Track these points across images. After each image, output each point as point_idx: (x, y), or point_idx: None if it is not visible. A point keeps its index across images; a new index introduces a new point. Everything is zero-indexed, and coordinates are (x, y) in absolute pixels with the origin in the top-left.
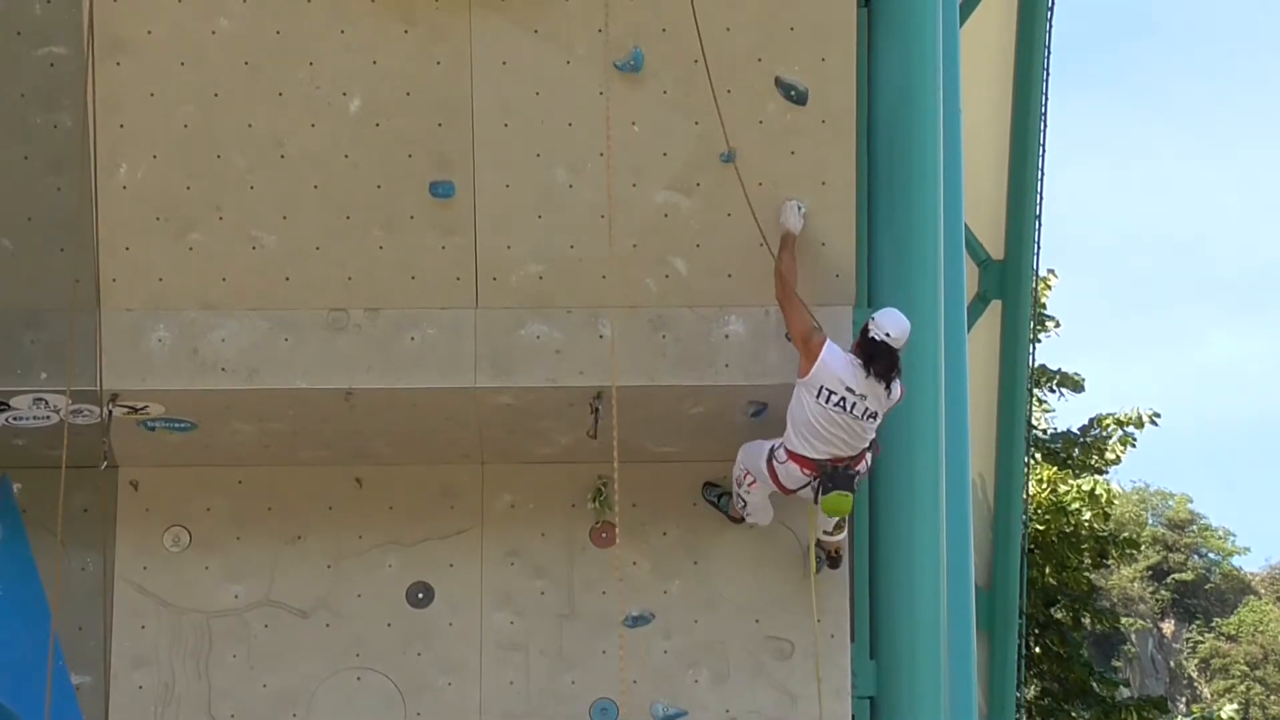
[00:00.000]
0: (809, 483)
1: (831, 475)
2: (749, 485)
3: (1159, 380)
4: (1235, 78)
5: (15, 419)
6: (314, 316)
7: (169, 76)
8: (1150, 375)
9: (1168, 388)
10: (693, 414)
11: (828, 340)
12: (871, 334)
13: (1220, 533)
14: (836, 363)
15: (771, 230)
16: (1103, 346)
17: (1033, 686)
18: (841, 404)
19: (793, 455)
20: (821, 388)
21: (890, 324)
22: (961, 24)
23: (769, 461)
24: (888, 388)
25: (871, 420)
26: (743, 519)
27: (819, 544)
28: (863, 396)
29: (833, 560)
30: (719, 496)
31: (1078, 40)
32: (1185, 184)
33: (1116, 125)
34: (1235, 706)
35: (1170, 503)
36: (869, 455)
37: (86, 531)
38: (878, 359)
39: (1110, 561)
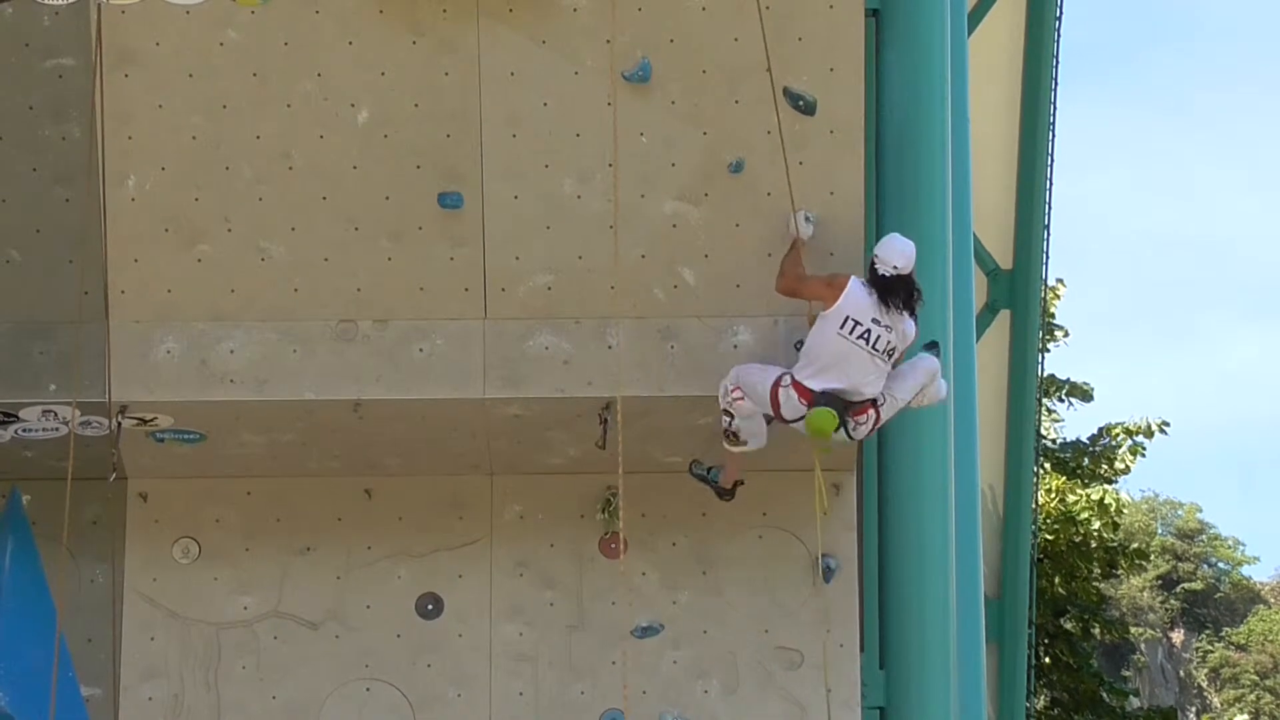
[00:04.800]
0: (804, 414)
1: (822, 397)
2: (733, 398)
3: (1178, 386)
4: (1256, 81)
5: (24, 431)
6: (323, 328)
7: (177, 88)
8: (1170, 381)
9: (1187, 393)
10: (701, 424)
11: (852, 276)
12: (880, 271)
13: (1230, 542)
14: (862, 295)
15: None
16: (1121, 352)
17: (1042, 697)
18: (865, 336)
19: (796, 384)
20: (846, 318)
21: (894, 255)
22: (969, 34)
23: (775, 386)
24: (912, 315)
25: (887, 360)
26: (733, 490)
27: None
28: (887, 328)
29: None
30: (707, 470)
31: (1098, 45)
32: (1206, 188)
33: (1137, 130)
34: (1245, 716)
35: (1180, 512)
36: (872, 412)
37: (95, 543)
38: (893, 291)
39: (1119, 571)
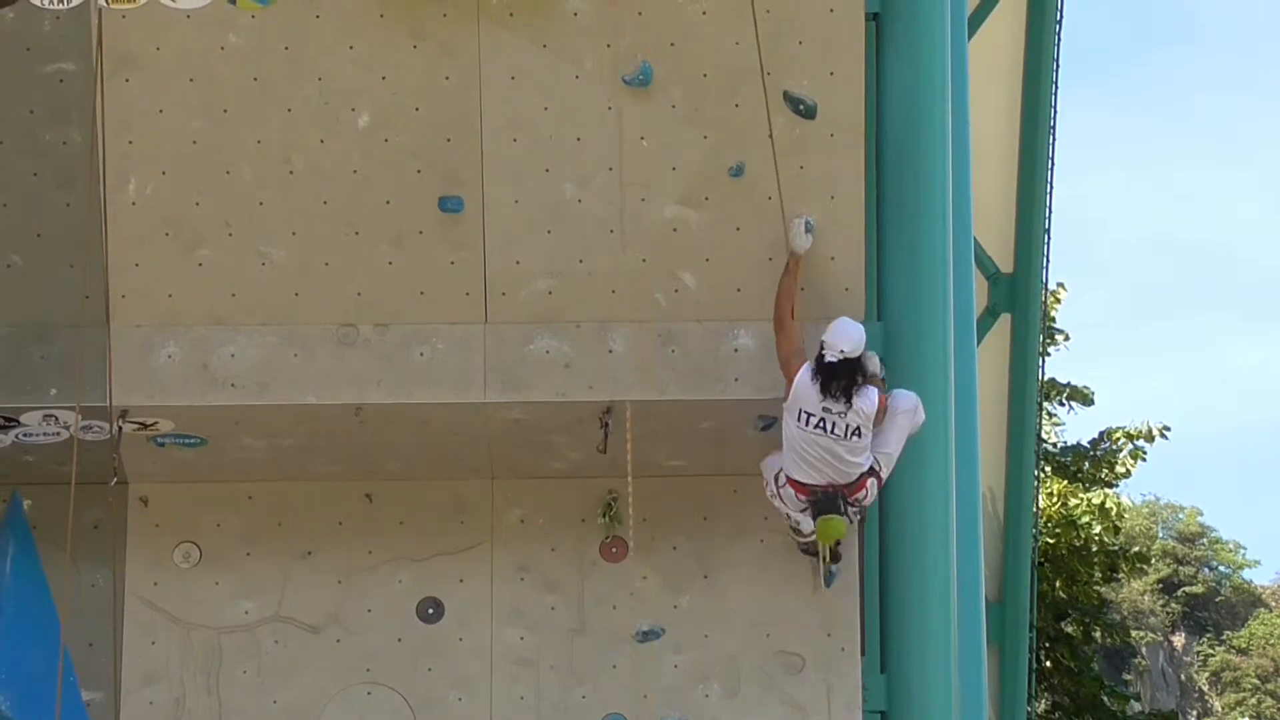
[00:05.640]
0: (804, 508)
1: (821, 501)
2: (771, 493)
3: (1179, 390)
4: (1257, 84)
5: (25, 435)
6: (323, 332)
7: (178, 92)
8: (1170, 385)
9: (1188, 397)
10: (702, 428)
11: (805, 363)
12: (828, 358)
13: (1230, 546)
14: (809, 385)
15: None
16: (1122, 355)
17: (1043, 700)
18: (821, 425)
19: (790, 480)
20: (800, 410)
21: (842, 339)
22: (970, 37)
23: (776, 484)
24: (848, 402)
25: (857, 438)
26: (835, 553)
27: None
28: (841, 414)
29: (834, 555)
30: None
31: (1099, 49)
32: (1207, 191)
33: (1138, 133)
34: None
35: (1180, 516)
36: (871, 482)
37: (96, 548)
38: (836, 378)
39: (1120, 575)
